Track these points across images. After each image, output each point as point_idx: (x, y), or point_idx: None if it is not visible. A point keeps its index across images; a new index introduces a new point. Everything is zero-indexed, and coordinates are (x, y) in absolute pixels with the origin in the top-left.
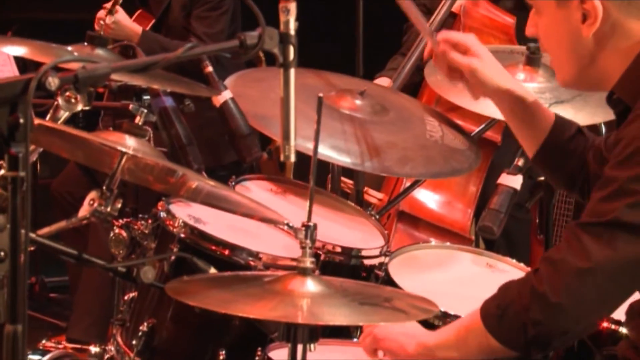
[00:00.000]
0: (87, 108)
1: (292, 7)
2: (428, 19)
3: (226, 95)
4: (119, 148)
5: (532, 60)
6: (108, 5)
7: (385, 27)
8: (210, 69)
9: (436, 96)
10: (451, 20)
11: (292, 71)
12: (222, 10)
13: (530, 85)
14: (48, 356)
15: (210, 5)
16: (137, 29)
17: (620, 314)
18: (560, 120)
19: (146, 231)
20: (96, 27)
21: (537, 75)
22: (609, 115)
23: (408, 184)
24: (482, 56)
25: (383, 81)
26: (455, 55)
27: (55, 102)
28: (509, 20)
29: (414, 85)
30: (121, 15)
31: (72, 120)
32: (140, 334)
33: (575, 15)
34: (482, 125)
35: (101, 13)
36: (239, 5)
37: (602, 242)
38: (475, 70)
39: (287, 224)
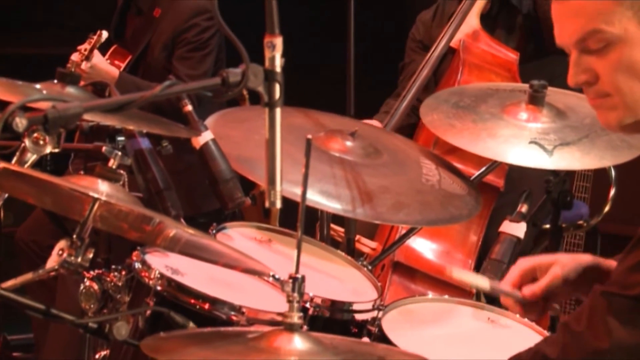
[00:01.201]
0: (56, 150)
1: (278, 42)
2: (424, 56)
3: (207, 136)
4: (91, 194)
5: (536, 99)
6: (83, 48)
7: (378, 64)
8: (189, 108)
9: (434, 138)
10: (450, 56)
11: (278, 110)
12: (206, 50)
13: (533, 125)
14: None
15: (194, 45)
16: (114, 72)
17: None
18: None
19: (119, 283)
20: (68, 65)
21: (540, 115)
22: (618, 158)
23: (403, 231)
24: (556, 261)
25: (374, 123)
26: (540, 286)
27: (22, 144)
28: (512, 56)
29: (410, 127)
30: (97, 58)
31: (40, 164)
32: None
33: None
34: (483, 169)
35: (75, 56)
36: (223, 44)
37: (625, 318)
38: (559, 277)
39: (273, 276)
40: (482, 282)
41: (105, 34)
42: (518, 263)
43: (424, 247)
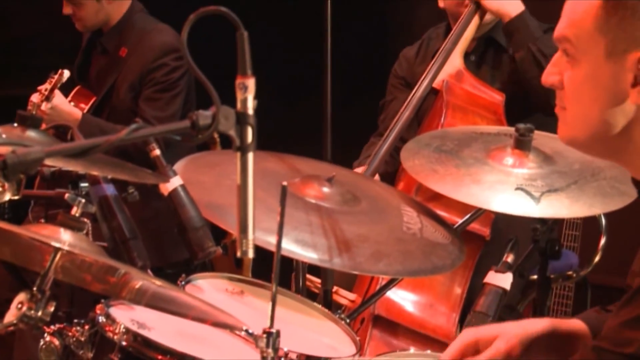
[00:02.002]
0: (15, 197)
1: (250, 83)
2: (406, 94)
3: (175, 182)
4: (52, 243)
5: (522, 143)
6: (43, 88)
7: (357, 105)
8: (157, 152)
9: (416, 183)
10: (433, 97)
11: (251, 155)
12: (175, 91)
13: (519, 171)
14: None
15: (162, 85)
16: (77, 114)
17: None
18: (592, 326)
19: (82, 338)
20: (29, 107)
21: (527, 160)
22: (608, 205)
23: (384, 283)
24: (500, 335)
25: (362, 171)
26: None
27: None
28: (498, 98)
29: (393, 172)
30: (59, 99)
31: None
32: None
33: (625, 76)
34: (467, 217)
35: (36, 97)
36: (193, 85)
37: None
38: (501, 352)
39: (246, 330)
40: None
41: (67, 73)
42: (460, 335)
43: (405, 299)
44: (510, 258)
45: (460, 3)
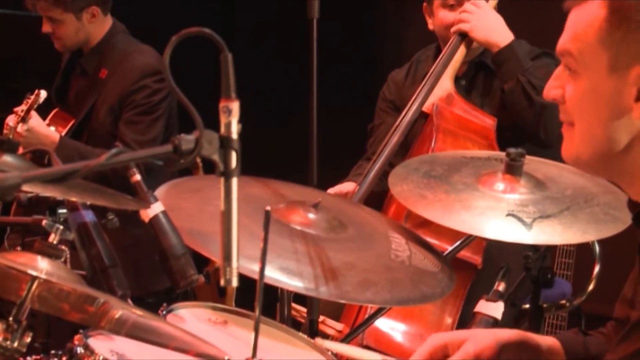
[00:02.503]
0: None
1: (235, 107)
2: (395, 117)
3: (156, 208)
4: (29, 272)
5: (513, 168)
6: (19, 109)
7: (345, 127)
8: (138, 177)
9: (406, 210)
10: (422, 121)
11: (235, 180)
12: (156, 114)
13: (510, 196)
14: None
15: (142, 108)
16: (54, 136)
17: None
18: (567, 346)
19: None
20: (5, 131)
21: (518, 186)
22: (602, 232)
23: (372, 312)
24: (469, 338)
25: (348, 186)
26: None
27: None
28: (489, 122)
29: (381, 196)
30: (35, 121)
31: None
32: None
33: (629, 90)
34: (457, 244)
35: (11, 120)
36: (175, 108)
37: None
38: (470, 355)
39: None
40: (374, 356)
41: (43, 94)
42: (429, 339)
43: (394, 329)
44: (501, 286)
45: (450, 26)
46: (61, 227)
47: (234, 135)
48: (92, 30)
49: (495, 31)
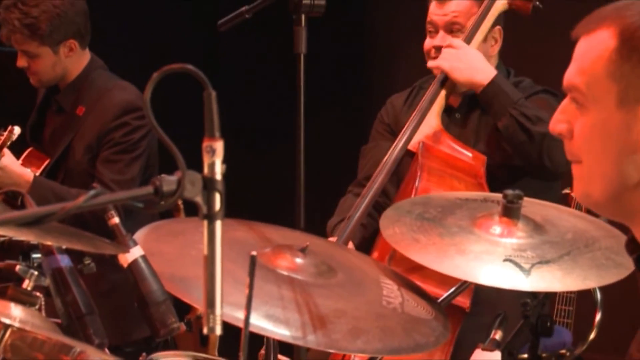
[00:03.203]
0: None
1: (219, 146)
2: (390, 142)
3: (136, 252)
4: (2, 320)
5: (510, 211)
6: None
7: (333, 167)
8: (116, 220)
9: (390, 251)
10: (408, 159)
11: (219, 223)
12: (135, 153)
13: (508, 240)
14: None
15: (121, 146)
16: (28, 175)
17: None
18: None
19: None
20: None
21: (516, 229)
22: (603, 278)
23: None
24: None
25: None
26: None
27: None
28: (478, 160)
29: (367, 239)
30: (8, 159)
31: None
32: None
33: (638, 125)
34: (452, 290)
35: None
36: (155, 147)
37: None
38: None
39: None
40: None
41: (17, 130)
42: None
43: None
44: (498, 335)
45: (428, 53)
46: (35, 272)
47: (218, 176)
48: (70, 65)
49: (476, 70)
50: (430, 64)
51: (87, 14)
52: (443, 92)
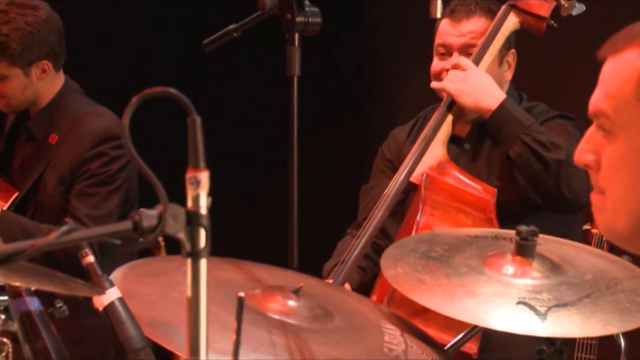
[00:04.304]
0: None
1: (204, 177)
2: (392, 173)
3: (112, 294)
4: None
5: (524, 249)
6: None
7: (330, 201)
8: (90, 259)
9: (389, 291)
10: (412, 194)
11: (204, 262)
12: (113, 186)
13: (522, 281)
14: None
15: (98, 178)
16: None
17: None
18: None
19: None
20: None
21: (530, 269)
22: (627, 324)
23: None
24: None
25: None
26: None
27: None
28: (488, 193)
29: (366, 283)
30: None
31: None
32: None
33: None
34: (460, 335)
35: None
36: (135, 179)
37: None
38: None
39: None
40: None
41: None
42: None
43: None
44: None
45: (438, 75)
46: (2, 316)
47: (203, 210)
48: (42, 88)
49: (483, 94)
50: (435, 84)
51: (62, 32)
52: (449, 119)
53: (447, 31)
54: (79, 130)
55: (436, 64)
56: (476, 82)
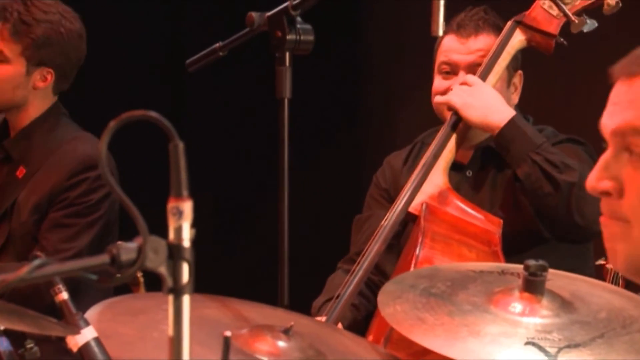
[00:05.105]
0: None
1: (187, 208)
2: (388, 204)
3: (87, 334)
4: None
5: (533, 285)
6: None
7: (322, 232)
8: (64, 296)
9: (387, 331)
10: (411, 225)
11: (186, 299)
12: (91, 218)
13: (530, 320)
14: None
15: (75, 209)
16: None
17: None
18: None
19: None
20: None
21: (539, 307)
22: None
23: None
24: None
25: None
26: None
27: None
28: (493, 224)
29: (360, 321)
30: None
31: None
32: None
33: None
34: None
35: None
36: (117, 211)
37: None
38: None
39: None
40: None
41: None
42: None
43: None
44: None
45: (444, 94)
46: None
47: (186, 243)
48: (32, 98)
49: (491, 110)
50: (439, 99)
51: (82, 59)
52: (452, 143)
53: (454, 48)
54: (60, 155)
55: (439, 84)
56: (484, 97)
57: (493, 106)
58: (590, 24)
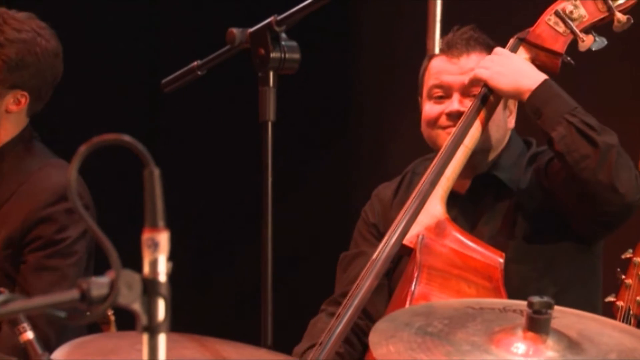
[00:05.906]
0: None
1: (163, 239)
2: (376, 240)
3: None
4: None
5: (537, 324)
6: None
7: (307, 270)
8: (29, 335)
9: None
10: (406, 259)
11: (162, 338)
12: (71, 260)
13: None
14: None
15: (54, 249)
16: None
17: None
18: None
19: None
20: None
21: (544, 348)
22: None
23: None
24: None
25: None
26: None
27: None
28: (495, 258)
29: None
30: None
31: None
32: None
33: None
34: None
35: None
36: (93, 249)
37: None
38: None
39: None
40: None
41: None
42: None
43: None
44: None
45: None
46: None
47: (162, 278)
48: (4, 122)
49: (522, 74)
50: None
51: (57, 80)
52: (450, 171)
53: (445, 69)
54: (31, 185)
55: (430, 109)
56: (513, 64)
57: (523, 70)
58: (599, 42)
